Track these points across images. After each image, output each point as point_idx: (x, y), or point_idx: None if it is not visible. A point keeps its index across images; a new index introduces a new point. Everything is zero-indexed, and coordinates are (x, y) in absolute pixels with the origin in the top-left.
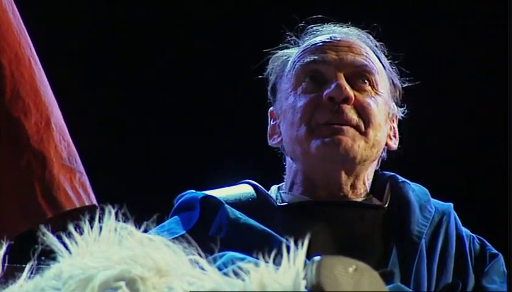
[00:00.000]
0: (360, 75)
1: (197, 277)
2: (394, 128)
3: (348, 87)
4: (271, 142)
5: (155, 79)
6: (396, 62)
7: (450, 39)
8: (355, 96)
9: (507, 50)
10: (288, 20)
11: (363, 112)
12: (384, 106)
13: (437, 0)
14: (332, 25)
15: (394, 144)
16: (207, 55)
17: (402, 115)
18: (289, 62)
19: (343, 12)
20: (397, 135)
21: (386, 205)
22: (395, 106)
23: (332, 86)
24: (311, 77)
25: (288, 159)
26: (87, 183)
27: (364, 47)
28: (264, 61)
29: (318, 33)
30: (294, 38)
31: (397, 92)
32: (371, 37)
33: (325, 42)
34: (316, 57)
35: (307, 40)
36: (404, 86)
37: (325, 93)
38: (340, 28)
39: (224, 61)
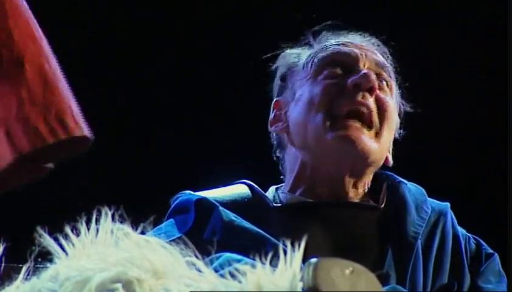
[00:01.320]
0: (381, 75)
1: (194, 279)
2: (391, 144)
3: (375, 78)
4: (273, 129)
5: (154, 80)
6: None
7: (449, 39)
8: (377, 93)
9: (507, 50)
10: (288, 21)
11: (382, 107)
12: (395, 111)
13: (437, 0)
14: (352, 32)
15: (390, 160)
16: (207, 55)
17: (399, 136)
18: (305, 56)
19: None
20: (391, 153)
21: (382, 205)
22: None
23: (360, 73)
24: (334, 66)
25: (292, 149)
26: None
27: (382, 55)
28: (264, 60)
29: (336, 37)
30: (308, 39)
31: (401, 113)
32: (387, 51)
33: (347, 41)
34: (341, 49)
35: (324, 41)
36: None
37: (350, 79)
38: (361, 37)
39: (224, 61)
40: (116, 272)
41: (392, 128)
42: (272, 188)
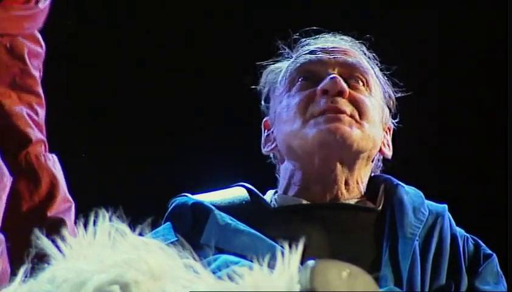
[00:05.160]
0: (354, 75)
1: (191, 281)
2: (387, 138)
3: (342, 82)
4: (265, 150)
5: (154, 81)
6: (390, 72)
7: (448, 38)
8: (351, 93)
9: (507, 50)
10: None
11: (358, 106)
12: (378, 107)
13: None
14: (326, 35)
15: (388, 152)
16: (207, 56)
17: (395, 125)
18: (283, 71)
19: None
20: (390, 146)
21: (380, 207)
22: (388, 115)
23: (327, 79)
24: (304, 77)
25: (284, 164)
26: None
27: (357, 53)
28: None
29: (312, 42)
30: (287, 50)
31: (391, 102)
32: (363, 47)
33: (318, 48)
34: (310, 58)
35: (297, 51)
36: (398, 95)
37: (319, 87)
38: (333, 37)
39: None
40: (113, 274)
41: (375, 121)
42: (271, 192)
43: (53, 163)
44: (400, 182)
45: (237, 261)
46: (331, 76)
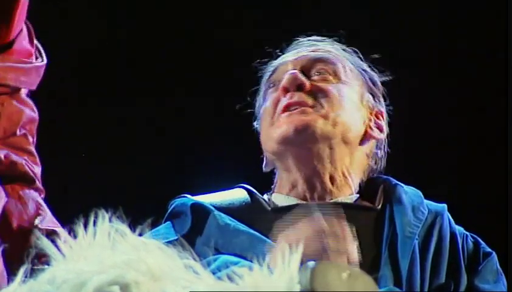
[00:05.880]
0: (317, 68)
1: (191, 281)
2: (376, 121)
3: (300, 75)
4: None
5: (154, 82)
6: (376, 55)
7: (447, 38)
8: (312, 84)
9: (507, 49)
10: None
11: (321, 94)
12: (351, 93)
13: None
14: (301, 38)
15: (378, 135)
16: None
17: (389, 110)
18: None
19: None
20: (383, 129)
21: (379, 206)
22: (374, 100)
23: (285, 76)
24: (272, 84)
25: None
26: None
27: (327, 47)
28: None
29: (288, 48)
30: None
31: (377, 88)
32: (336, 43)
33: (287, 55)
34: (276, 65)
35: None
36: (386, 79)
37: (280, 86)
38: (308, 40)
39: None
40: (113, 274)
41: (344, 107)
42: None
43: None
44: (399, 182)
45: (237, 262)
46: (289, 72)
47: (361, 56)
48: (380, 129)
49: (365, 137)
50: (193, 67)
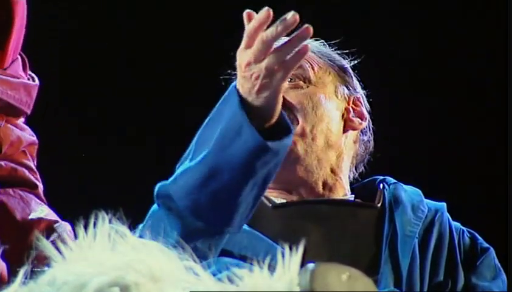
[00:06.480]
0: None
1: (191, 283)
2: (355, 109)
3: None
4: None
5: (154, 82)
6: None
7: (447, 38)
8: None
9: (507, 48)
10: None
11: (294, 109)
12: (324, 92)
13: None
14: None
15: (359, 124)
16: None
17: (365, 94)
18: None
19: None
20: (364, 115)
21: (379, 204)
22: (349, 88)
23: None
24: None
25: None
26: None
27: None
28: None
29: None
30: None
31: (349, 75)
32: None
33: None
34: None
35: None
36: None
37: None
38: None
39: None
40: (114, 276)
41: (316, 111)
42: None
43: None
44: (398, 182)
45: (237, 263)
46: None
47: (325, 43)
48: (361, 117)
49: (347, 131)
50: (193, 67)
